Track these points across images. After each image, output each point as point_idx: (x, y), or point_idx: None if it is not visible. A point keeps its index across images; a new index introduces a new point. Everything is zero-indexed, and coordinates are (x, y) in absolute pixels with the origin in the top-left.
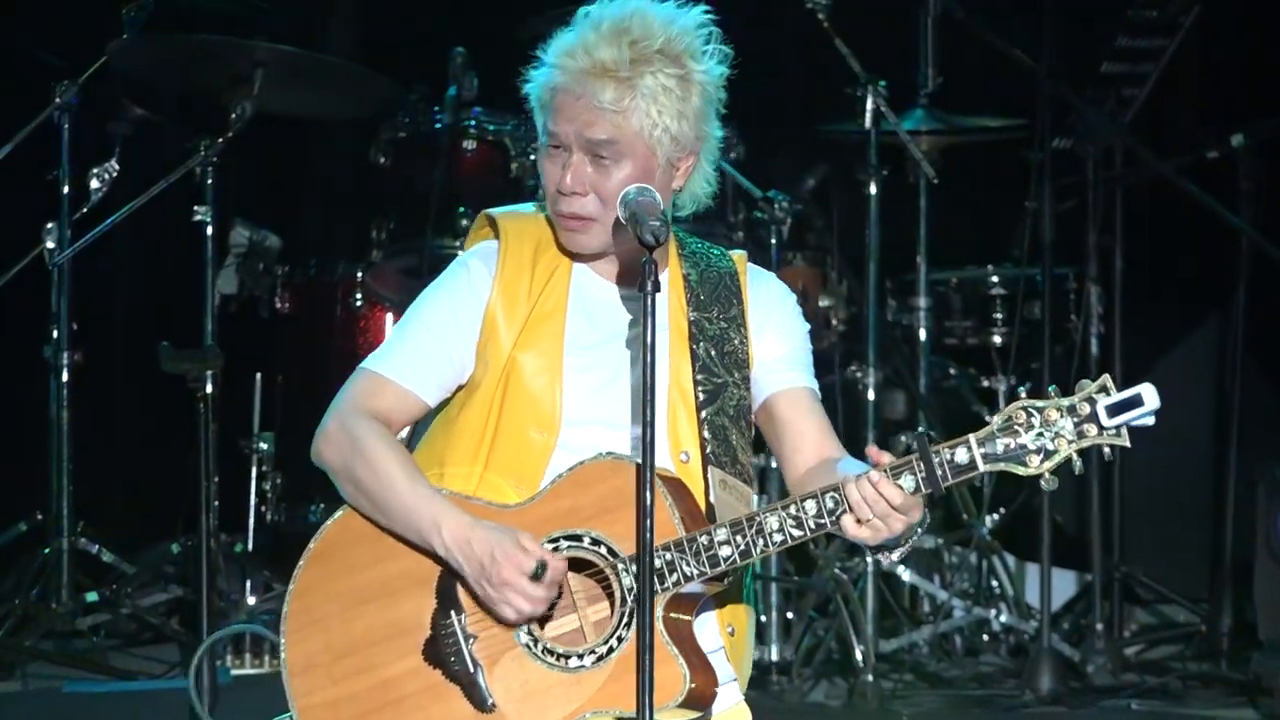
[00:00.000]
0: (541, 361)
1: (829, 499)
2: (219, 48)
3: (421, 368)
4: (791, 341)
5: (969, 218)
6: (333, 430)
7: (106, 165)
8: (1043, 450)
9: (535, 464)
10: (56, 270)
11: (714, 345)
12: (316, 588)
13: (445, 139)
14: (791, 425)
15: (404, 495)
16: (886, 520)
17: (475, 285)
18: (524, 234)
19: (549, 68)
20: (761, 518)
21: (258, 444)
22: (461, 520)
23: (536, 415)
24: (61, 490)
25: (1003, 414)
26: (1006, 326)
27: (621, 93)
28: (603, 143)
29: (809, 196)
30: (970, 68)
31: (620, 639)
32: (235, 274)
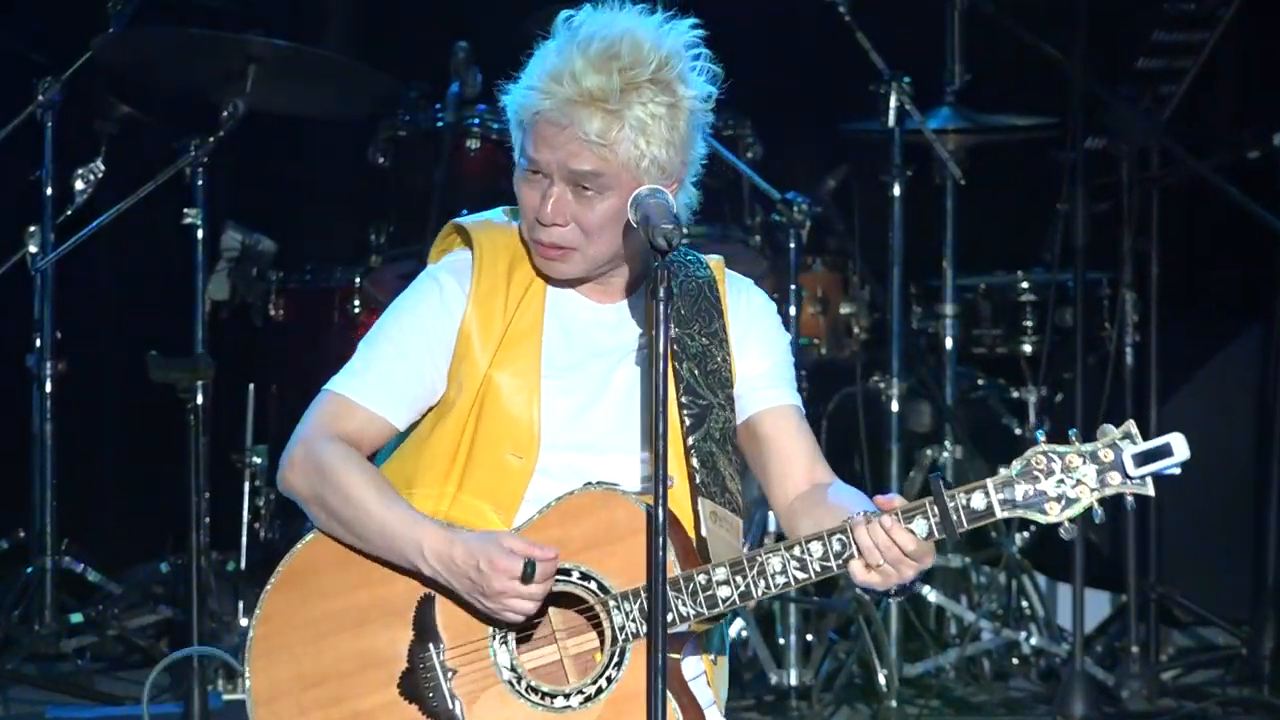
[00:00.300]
0: (518, 382)
1: (835, 541)
2: (210, 42)
3: (390, 390)
4: (774, 356)
5: (998, 221)
6: (298, 457)
7: (92, 166)
8: (1063, 498)
9: (513, 488)
10: (39, 275)
11: (697, 364)
12: (285, 613)
13: (447, 138)
14: (778, 447)
15: (380, 518)
16: (898, 566)
17: (448, 303)
18: (498, 247)
19: (532, 91)
20: (764, 558)
21: (250, 458)
22: (441, 536)
23: (514, 438)
24: (45, 506)
25: (1022, 459)
26: (1037, 335)
27: (609, 124)
28: (587, 174)
29: (829, 198)
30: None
31: (610, 679)
32: (227, 279)
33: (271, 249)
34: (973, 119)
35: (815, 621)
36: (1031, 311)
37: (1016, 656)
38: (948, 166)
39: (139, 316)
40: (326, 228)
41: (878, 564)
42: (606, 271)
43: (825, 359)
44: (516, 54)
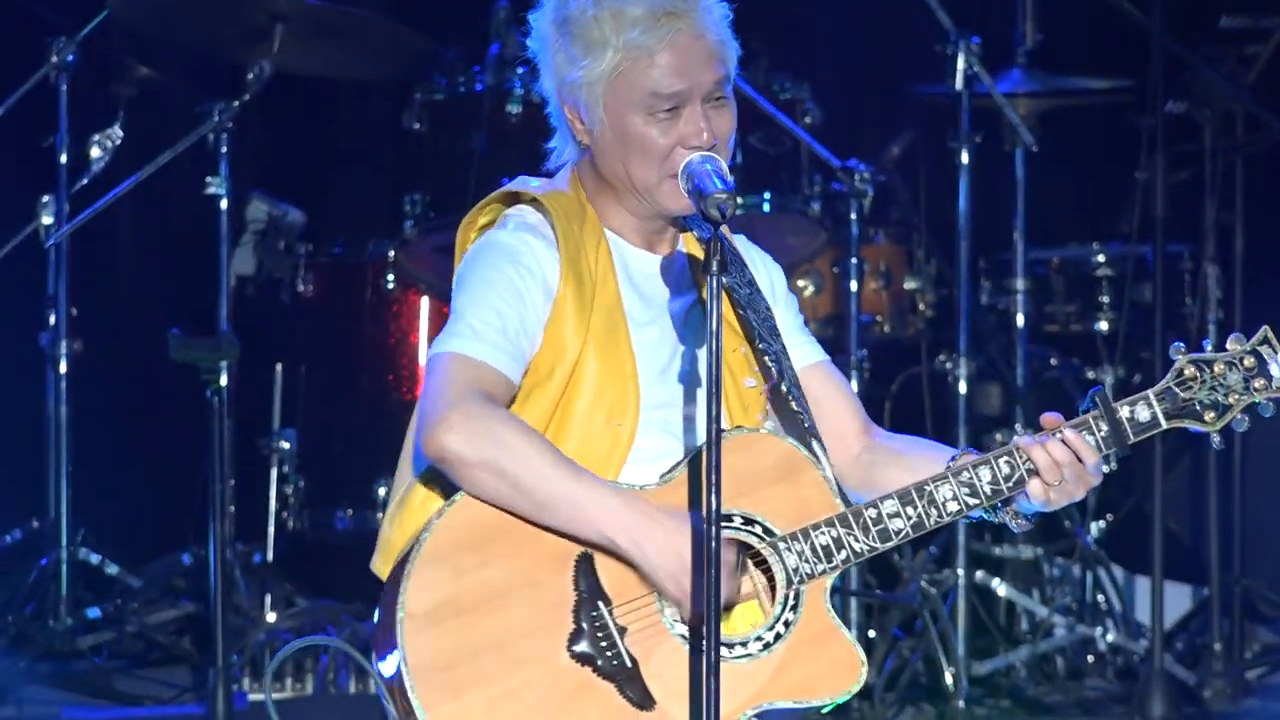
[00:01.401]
0: (613, 347)
1: (1004, 464)
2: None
3: (508, 348)
4: (794, 310)
5: (1072, 190)
6: (457, 420)
7: (109, 132)
8: (1217, 405)
9: (615, 455)
10: (53, 249)
11: (753, 312)
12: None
13: (487, 102)
14: (832, 403)
15: (571, 489)
16: (1077, 483)
17: (543, 261)
18: (568, 210)
19: (642, 24)
20: (932, 487)
21: (278, 442)
22: (647, 509)
23: (611, 406)
24: (60, 494)
25: (1173, 370)
26: (1114, 311)
27: (718, 23)
28: (724, 80)
29: (893, 166)
30: (1073, 23)
31: (787, 624)
32: (253, 253)
33: (300, 220)
34: (1045, 82)
35: (878, 616)
36: (1108, 287)
37: (1092, 654)
38: (1019, 132)
39: (159, 293)
40: (358, 198)
41: (1057, 481)
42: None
43: (889, 337)
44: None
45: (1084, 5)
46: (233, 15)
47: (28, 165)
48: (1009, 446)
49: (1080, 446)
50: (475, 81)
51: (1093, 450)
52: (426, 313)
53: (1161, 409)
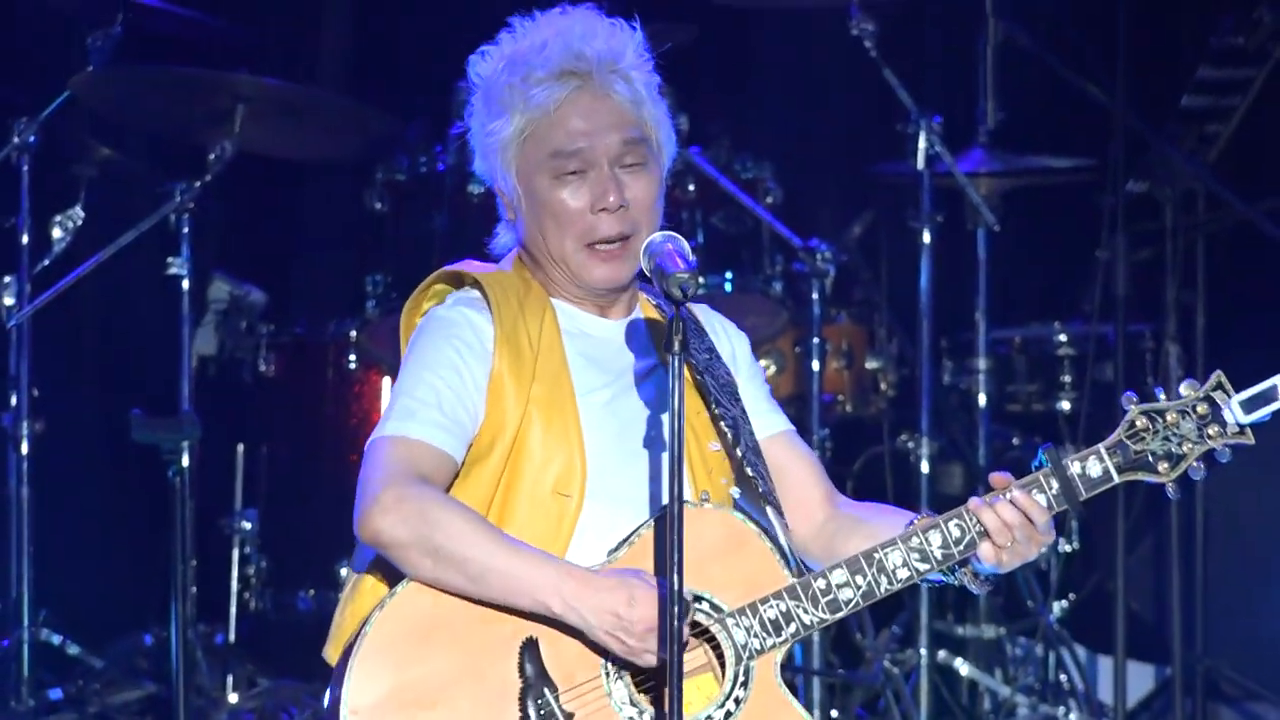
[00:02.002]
0: (557, 417)
1: (954, 528)
2: (195, 81)
3: (449, 425)
4: (759, 379)
5: (1034, 269)
6: (389, 502)
7: (70, 212)
8: (1170, 455)
9: (563, 525)
10: (15, 329)
11: (712, 377)
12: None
13: (449, 181)
14: (795, 473)
15: (503, 559)
16: (1028, 544)
17: (480, 336)
18: (504, 284)
19: (543, 85)
20: (881, 554)
21: (240, 523)
22: (580, 574)
23: (558, 476)
24: (21, 575)
25: (1125, 422)
26: (1076, 391)
27: (631, 86)
28: (636, 141)
29: (855, 245)
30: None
31: (738, 701)
32: (215, 333)
33: (261, 300)
34: (1007, 161)
35: (841, 696)
36: (1070, 366)
37: None
38: (981, 212)
39: (121, 373)
40: (320, 278)
41: (1008, 543)
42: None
43: (850, 416)
44: None
45: (1045, 84)
46: (195, 96)
47: None
48: (959, 509)
49: (1029, 507)
50: (437, 161)
51: (1043, 510)
52: (387, 392)
53: (1113, 463)
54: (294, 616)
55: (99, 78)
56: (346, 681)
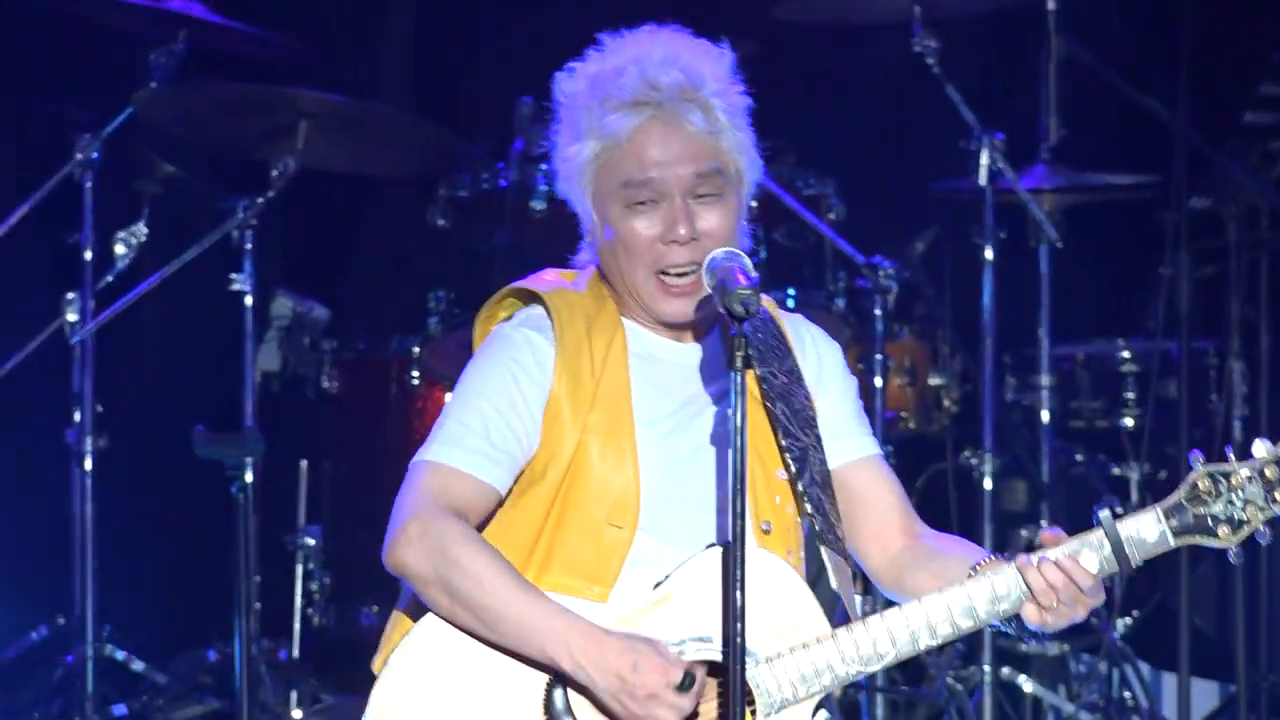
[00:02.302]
0: (613, 446)
1: (1000, 584)
2: (258, 97)
3: (493, 454)
4: (849, 397)
5: (1097, 286)
6: (414, 534)
7: (134, 228)
8: (1233, 519)
9: (613, 559)
10: (79, 346)
11: (785, 404)
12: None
13: (511, 198)
14: (874, 501)
15: (519, 605)
16: (1074, 606)
17: (540, 359)
18: (572, 306)
19: (619, 113)
20: (925, 608)
21: (303, 539)
22: (590, 631)
23: (612, 506)
24: (85, 591)
25: (1187, 483)
26: (1139, 407)
27: (707, 115)
28: (709, 174)
29: (918, 262)
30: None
31: None
32: (278, 349)
33: (324, 316)
34: (1070, 177)
35: (904, 713)
36: (1133, 382)
37: None
38: (1043, 228)
39: (184, 389)
40: (383, 294)
41: (1052, 605)
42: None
43: (913, 433)
44: None
45: (1108, 100)
46: (257, 112)
47: (53, 262)
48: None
49: (1074, 570)
50: (499, 178)
51: (1088, 574)
52: None
53: (1169, 526)
54: (357, 632)
55: (162, 94)
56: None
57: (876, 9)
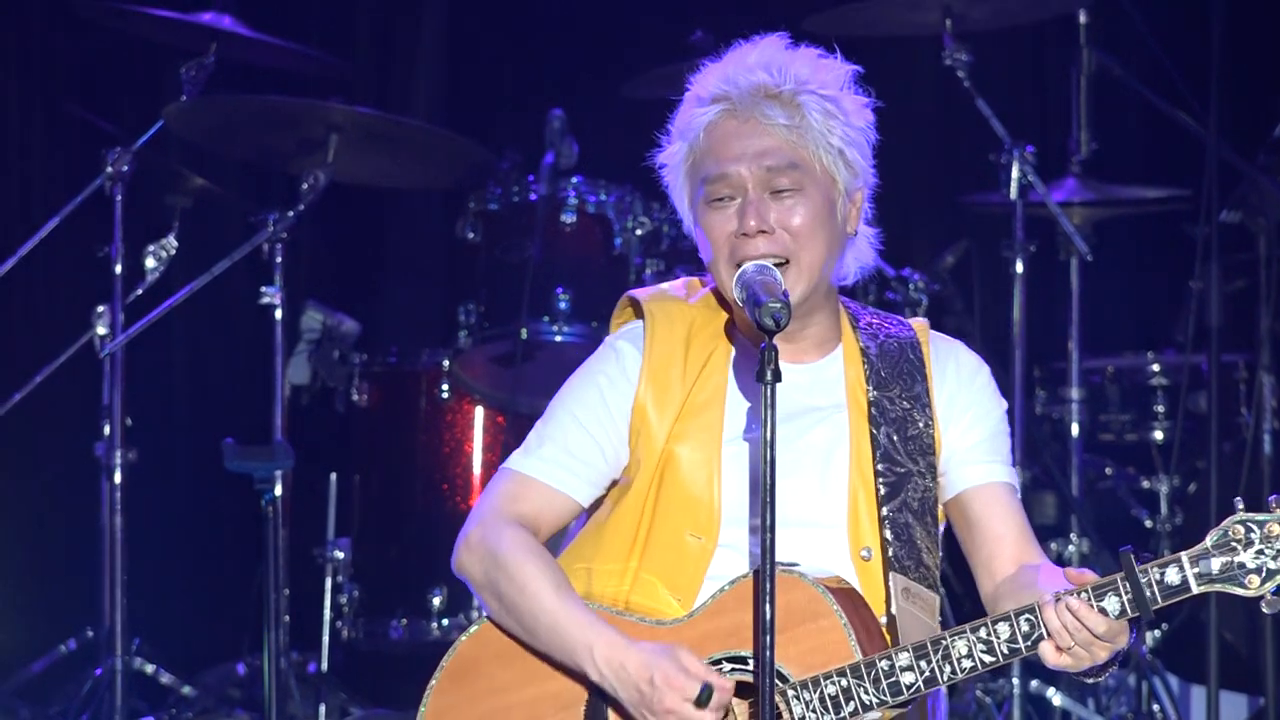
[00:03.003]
0: (698, 456)
1: (1024, 622)
2: (289, 110)
3: (571, 464)
4: (986, 425)
5: (1126, 299)
6: (475, 540)
7: (164, 242)
8: (1264, 570)
9: (693, 569)
10: (108, 359)
11: (896, 429)
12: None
13: (541, 211)
14: (988, 528)
15: (553, 613)
16: (1090, 648)
17: (626, 370)
18: (672, 316)
19: (701, 108)
20: (949, 641)
21: (333, 552)
22: (615, 641)
23: (693, 518)
24: (115, 604)
25: (1218, 529)
26: (1169, 420)
27: (790, 111)
28: (785, 169)
29: (948, 275)
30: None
31: None
32: (307, 363)
33: (354, 330)
34: (1100, 190)
35: None
36: (1163, 396)
37: None
38: (1073, 241)
39: (214, 402)
40: (413, 307)
41: (1069, 646)
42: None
43: None
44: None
45: (1138, 114)
46: (287, 125)
47: (83, 275)
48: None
49: (1085, 614)
50: (529, 191)
51: (1101, 618)
52: (481, 422)
53: (1194, 572)
54: (386, 645)
55: (192, 107)
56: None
57: (907, 22)
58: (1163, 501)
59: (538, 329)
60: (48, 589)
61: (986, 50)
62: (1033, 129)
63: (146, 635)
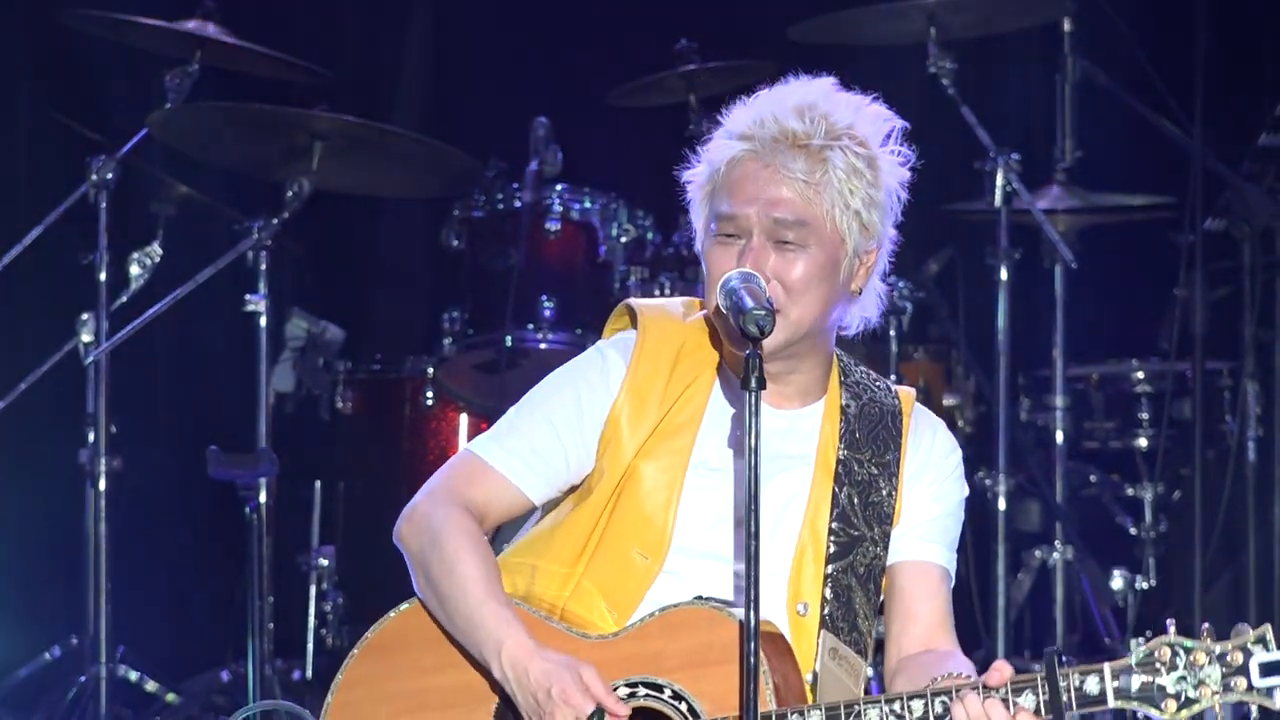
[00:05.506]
0: (661, 478)
1: (938, 703)
2: (273, 118)
3: (532, 461)
4: (941, 505)
5: (1111, 307)
6: (419, 513)
7: (148, 249)
8: (1182, 696)
9: (634, 587)
10: (93, 366)
11: (858, 492)
12: (368, 682)
13: (526, 219)
14: (905, 602)
15: (473, 604)
16: None
17: (608, 378)
18: (665, 333)
19: (729, 140)
20: (861, 708)
21: (317, 559)
22: (524, 644)
23: (643, 536)
24: (99, 611)
25: (1146, 647)
26: (1153, 428)
27: (813, 165)
28: (791, 224)
29: (932, 282)
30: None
31: None
32: (292, 370)
33: (339, 337)
34: (1084, 198)
35: None
36: (1147, 403)
37: None
38: (1058, 249)
39: (198, 410)
40: (397, 315)
41: None
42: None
43: None
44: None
45: (1123, 122)
46: (272, 133)
47: (67, 282)
48: (950, 685)
49: (994, 710)
50: (514, 198)
51: (1007, 715)
52: (465, 429)
53: (1113, 686)
54: None
55: (177, 115)
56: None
57: (892, 30)
58: (1147, 509)
59: (522, 336)
60: (32, 596)
61: (971, 58)
62: (1017, 137)
63: (131, 642)
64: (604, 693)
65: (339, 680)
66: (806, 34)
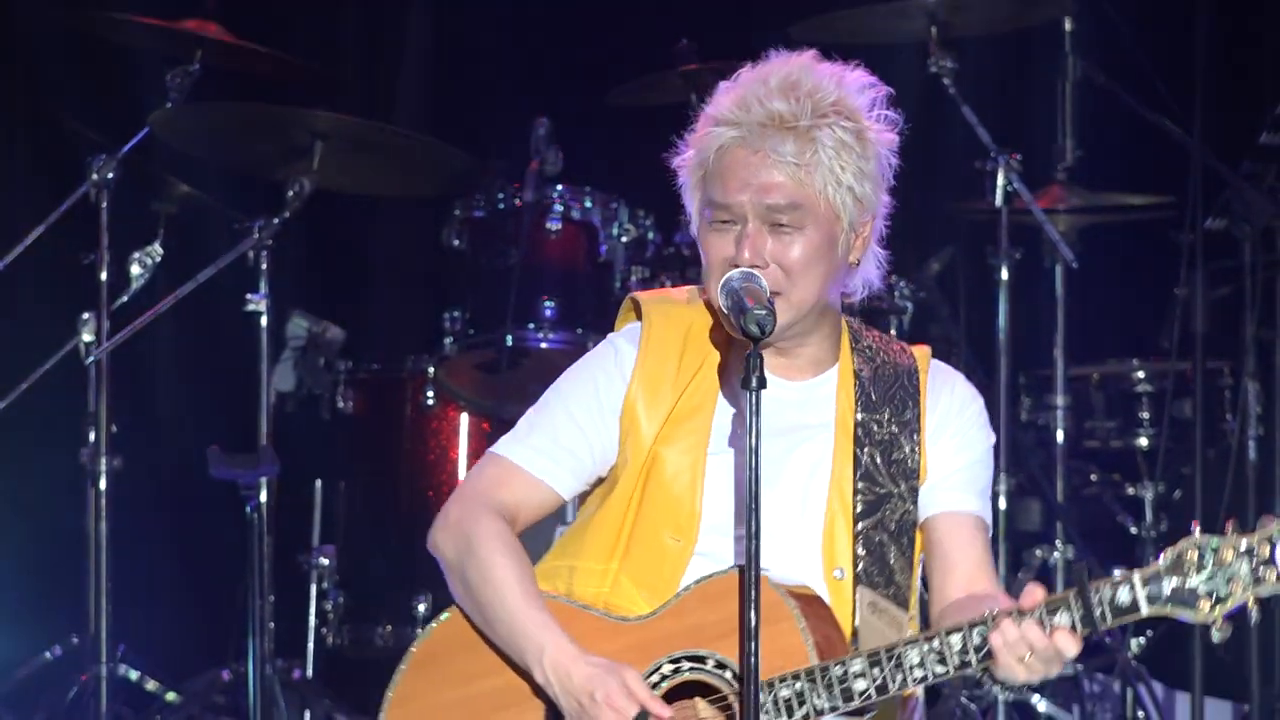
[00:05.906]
0: (683, 460)
1: (975, 634)
2: (274, 118)
3: (558, 456)
4: (968, 455)
5: (1112, 306)
6: (453, 520)
7: (149, 249)
8: (1214, 595)
9: (669, 571)
10: (94, 366)
11: (880, 451)
12: (419, 696)
13: (526, 219)
14: (947, 553)
15: (513, 610)
16: (1048, 665)
17: (622, 368)
18: (670, 320)
19: (716, 127)
20: (901, 650)
21: (317, 559)
22: (566, 649)
23: (673, 519)
24: (99, 611)
25: (1172, 551)
26: (1154, 427)
27: (802, 146)
28: (784, 208)
29: (933, 282)
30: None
31: None
32: (293, 369)
33: (339, 337)
34: (1085, 198)
35: None
36: (1148, 402)
37: None
38: (1058, 248)
39: (199, 409)
40: (398, 314)
41: (1018, 659)
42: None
43: None
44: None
45: (1123, 121)
46: (273, 133)
47: (68, 282)
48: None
49: (1030, 631)
50: (515, 198)
51: (1042, 637)
52: (466, 429)
53: (1145, 594)
54: (371, 652)
55: (178, 114)
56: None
57: (893, 29)
58: (1148, 508)
59: (523, 336)
60: (32, 596)
61: (972, 57)
62: (1018, 136)
63: (131, 642)
64: (647, 696)
65: (389, 697)
66: (807, 33)
